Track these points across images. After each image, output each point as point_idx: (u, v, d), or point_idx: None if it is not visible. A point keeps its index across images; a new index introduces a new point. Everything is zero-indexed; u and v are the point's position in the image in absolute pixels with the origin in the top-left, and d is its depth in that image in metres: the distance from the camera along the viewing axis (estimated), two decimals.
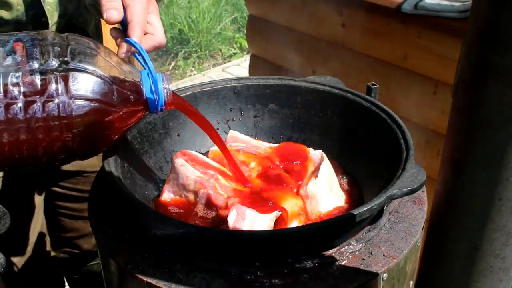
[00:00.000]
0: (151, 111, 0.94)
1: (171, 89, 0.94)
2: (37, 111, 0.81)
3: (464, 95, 0.69)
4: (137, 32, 0.96)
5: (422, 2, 1.76)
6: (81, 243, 1.63)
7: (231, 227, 0.91)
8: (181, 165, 1.05)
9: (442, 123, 1.64)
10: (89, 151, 0.90)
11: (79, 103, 0.83)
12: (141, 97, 0.91)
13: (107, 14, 0.96)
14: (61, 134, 0.83)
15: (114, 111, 0.87)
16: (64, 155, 0.86)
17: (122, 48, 0.96)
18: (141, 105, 0.92)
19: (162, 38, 1.03)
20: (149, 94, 0.91)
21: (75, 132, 0.83)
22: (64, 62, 0.83)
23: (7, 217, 0.97)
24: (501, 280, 0.76)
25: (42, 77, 0.81)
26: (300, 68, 2.32)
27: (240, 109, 1.28)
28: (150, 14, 1.02)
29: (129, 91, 0.89)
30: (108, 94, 0.86)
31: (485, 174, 0.68)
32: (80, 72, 0.83)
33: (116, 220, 0.98)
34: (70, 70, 0.83)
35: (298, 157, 1.14)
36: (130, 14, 0.97)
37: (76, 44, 0.87)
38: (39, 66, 0.82)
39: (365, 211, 0.84)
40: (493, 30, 0.61)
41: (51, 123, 0.81)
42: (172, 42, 4.98)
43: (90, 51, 0.87)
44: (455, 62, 0.71)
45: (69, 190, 1.52)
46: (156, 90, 0.92)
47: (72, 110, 0.82)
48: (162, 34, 1.03)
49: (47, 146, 0.83)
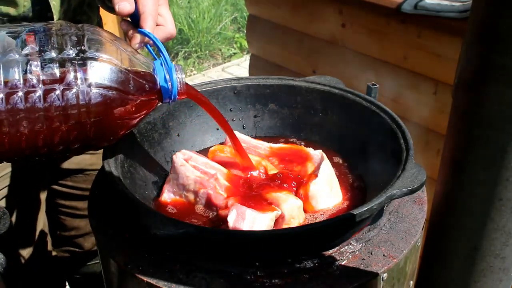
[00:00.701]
0: (164, 100, 0.95)
1: (184, 79, 0.95)
2: (56, 99, 0.81)
3: (464, 95, 0.69)
4: (149, 23, 0.97)
5: (422, 2, 1.75)
6: (82, 242, 1.63)
7: (231, 227, 0.91)
8: (181, 165, 1.05)
9: (442, 123, 1.64)
10: (103, 140, 0.91)
11: (97, 91, 0.83)
12: (155, 86, 0.92)
13: (119, 6, 0.97)
14: (79, 122, 0.84)
15: (131, 99, 0.88)
16: (79, 144, 0.87)
17: (136, 39, 0.97)
18: (155, 94, 0.93)
19: (173, 29, 1.05)
20: (163, 83, 0.92)
21: (92, 120, 0.84)
22: (81, 51, 0.84)
23: (7, 217, 0.97)
24: (501, 280, 0.76)
25: (60, 66, 0.82)
26: (300, 68, 2.32)
27: (240, 109, 1.28)
28: (160, 5, 1.04)
29: (144, 80, 0.90)
30: (125, 82, 0.87)
31: (485, 174, 0.68)
32: (98, 61, 0.84)
33: (116, 220, 0.98)
34: (88, 59, 0.84)
35: (298, 157, 1.14)
36: (142, 5, 0.98)
37: (91, 34, 0.87)
38: (57, 55, 0.83)
39: (365, 211, 0.84)
40: (493, 30, 0.61)
41: (69, 111, 0.82)
42: (172, 42, 4.98)
43: (106, 41, 0.88)
44: (455, 62, 0.71)
45: (70, 188, 1.52)
46: (170, 79, 0.93)
47: (91, 99, 0.83)
48: (172, 25, 1.05)
49: (64, 135, 0.84)
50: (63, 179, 1.51)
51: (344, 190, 1.10)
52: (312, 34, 2.22)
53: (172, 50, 4.95)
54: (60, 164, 1.47)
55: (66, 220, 1.59)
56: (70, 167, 1.48)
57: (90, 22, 1.30)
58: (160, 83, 0.92)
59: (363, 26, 2.00)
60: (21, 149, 0.83)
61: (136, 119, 0.92)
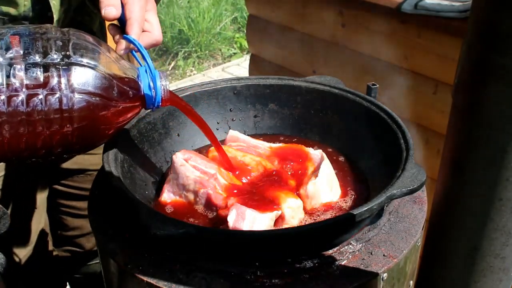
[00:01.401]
0: (147, 107, 0.95)
1: (168, 86, 0.95)
2: (39, 103, 0.81)
3: (464, 95, 0.69)
4: (135, 29, 0.98)
5: (422, 2, 1.76)
6: (83, 242, 1.63)
7: (231, 227, 0.91)
8: (181, 165, 1.05)
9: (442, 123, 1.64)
10: (86, 145, 0.91)
11: (80, 97, 0.84)
12: (139, 93, 0.93)
13: (105, 10, 0.98)
14: (61, 127, 0.84)
15: (114, 105, 0.88)
16: (61, 148, 0.87)
17: (121, 45, 0.97)
18: (138, 101, 0.93)
19: (159, 36, 1.04)
20: (147, 90, 0.93)
21: (75, 125, 0.84)
22: (66, 56, 0.84)
23: (7, 217, 0.97)
24: (501, 280, 0.76)
25: (44, 70, 0.82)
26: (300, 68, 2.32)
27: (240, 109, 1.28)
28: (148, 11, 1.04)
29: (128, 86, 0.90)
30: (108, 89, 0.87)
31: (485, 174, 0.68)
32: (82, 66, 0.84)
33: (116, 220, 0.98)
34: (73, 64, 0.84)
35: (298, 157, 1.14)
36: (129, 11, 0.98)
37: (77, 39, 0.87)
38: (41, 59, 0.83)
39: (365, 211, 0.84)
40: (493, 30, 0.61)
41: (52, 116, 0.82)
42: (172, 42, 4.98)
43: (91, 46, 0.88)
44: (455, 62, 0.71)
45: (71, 188, 1.53)
46: (154, 87, 0.93)
47: (74, 104, 0.83)
48: (159, 31, 1.05)
49: (47, 139, 0.84)
50: (65, 179, 1.51)
51: (343, 190, 1.10)
52: (312, 34, 2.22)
53: (172, 50, 4.95)
54: (61, 164, 1.47)
55: (67, 220, 1.59)
56: (71, 167, 1.48)
57: (92, 23, 1.30)
58: (144, 90, 0.93)
59: (363, 26, 2.00)
60: (3, 151, 0.83)
61: (119, 125, 0.93)
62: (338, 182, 1.09)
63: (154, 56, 4.96)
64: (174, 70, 4.81)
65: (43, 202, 1.46)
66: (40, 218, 1.44)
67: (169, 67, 4.82)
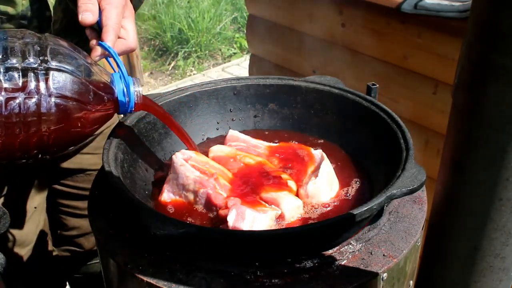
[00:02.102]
0: (120, 112, 0.98)
1: (141, 92, 0.98)
2: (17, 107, 0.83)
3: (464, 95, 0.69)
4: (110, 36, 0.99)
5: (422, 2, 1.75)
6: (82, 242, 1.63)
7: (230, 226, 0.91)
8: (181, 164, 1.05)
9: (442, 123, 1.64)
10: (61, 147, 0.93)
11: (58, 101, 0.86)
12: (113, 98, 0.95)
13: (82, 15, 1.00)
14: (38, 130, 0.86)
15: (89, 110, 0.91)
16: (37, 150, 0.89)
17: (96, 52, 0.99)
18: (112, 106, 0.96)
19: (133, 43, 1.06)
20: (121, 96, 0.96)
21: (52, 128, 0.87)
22: (44, 61, 0.86)
23: (7, 217, 0.97)
24: (501, 280, 0.76)
25: (22, 75, 0.84)
26: (300, 68, 2.32)
27: (240, 109, 1.28)
28: (125, 18, 1.05)
29: (103, 92, 0.93)
30: (85, 93, 0.89)
31: (485, 174, 0.68)
32: (60, 71, 0.87)
33: (116, 220, 0.98)
34: (51, 69, 0.86)
35: (298, 156, 1.14)
36: (105, 18, 1.00)
37: (54, 45, 0.89)
38: (19, 64, 0.84)
39: (365, 211, 0.84)
40: (493, 30, 0.61)
41: (30, 119, 0.84)
42: (172, 42, 4.98)
43: (68, 52, 0.90)
44: (455, 62, 0.71)
45: (70, 188, 1.53)
46: (128, 93, 0.96)
47: (51, 108, 0.85)
48: (133, 39, 1.07)
49: (23, 141, 0.86)
50: (64, 179, 1.51)
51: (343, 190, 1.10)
52: (312, 34, 2.22)
53: (172, 50, 4.95)
54: (60, 164, 1.47)
55: (66, 220, 1.59)
56: (71, 166, 1.48)
57: None
58: (118, 96, 0.96)
59: (363, 26, 2.00)
60: None
61: (92, 129, 0.95)
62: (338, 182, 1.09)
63: (154, 56, 4.97)
64: (174, 70, 4.81)
65: (43, 202, 1.46)
66: (39, 218, 1.44)
67: (169, 67, 4.82)
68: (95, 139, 1.49)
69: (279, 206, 0.99)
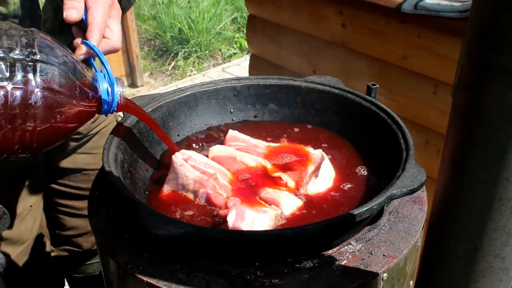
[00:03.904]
0: (102, 111, 0.96)
1: (125, 93, 0.97)
2: (3, 98, 0.81)
3: (464, 95, 0.69)
4: (95, 35, 0.99)
5: (422, 2, 1.75)
6: (80, 242, 1.63)
7: (230, 227, 0.91)
8: (181, 164, 1.05)
9: (442, 123, 1.64)
10: (42, 144, 0.90)
11: (45, 93, 0.84)
12: (97, 96, 0.94)
13: (67, 12, 0.99)
14: (24, 123, 0.84)
15: (75, 105, 0.89)
16: (19, 145, 0.87)
17: (81, 50, 0.98)
18: (95, 104, 0.95)
19: (117, 43, 1.05)
20: (104, 96, 0.95)
21: (37, 122, 0.85)
22: (32, 53, 0.85)
23: (7, 217, 0.97)
24: (501, 280, 0.76)
25: (10, 65, 0.82)
26: (300, 68, 2.32)
27: (240, 109, 1.28)
28: (111, 18, 1.04)
29: (88, 88, 0.92)
30: (71, 88, 0.88)
31: (485, 174, 0.68)
32: (48, 64, 0.85)
33: (116, 220, 0.98)
34: (38, 62, 0.85)
35: (298, 156, 1.14)
36: (91, 16, 1.00)
37: (41, 38, 0.88)
38: (6, 55, 0.83)
39: (365, 211, 0.84)
40: (493, 30, 0.61)
41: (16, 111, 0.82)
42: (172, 42, 4.98)
43: (55, 47, 0.89)
44: (455, 62, 0.71)
45: (69, 187, 1.52)
46: (112, 92, 0.95)
47: (38, 100, 0.84)
48: (118, 39, 1.05)
49: (7, 134, 0.84)
50: (61, 178, 1.51)
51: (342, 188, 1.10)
52: (312, 34, 2.22)
53: (172, 50, 4.95)
54: (57, 163, 1.47)
55: (64, 219, 1.59)
56: (67, 166, 1.48)
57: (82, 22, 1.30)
58: (101, 95, 0.95)
59: (363, 26, 2.00)
60: None
61: (74, 127, 0.93)
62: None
63: (154, 56, 4.97)
64: (174, 70, 4.82)
65: (38, 201, 1.45)
66: (35, 217, 1.44)
67: (169, 67, 4.82)
68: (91, 139, 1.49)
69: (279, 206, 0.99)
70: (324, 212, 1.00)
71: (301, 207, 1.01)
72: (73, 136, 1.44)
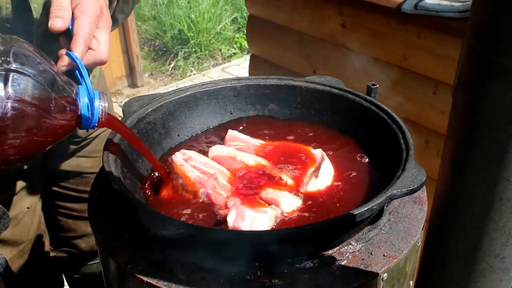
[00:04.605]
0: (82, 127, 0.91)
1: (107, 108, 0.92)
2: None
3: (464, 95, 0.69)
4: (79, 47, 0.94)
5: (422, 2, 1.75)
6: (79, 243, 1.63)
7: (230, 227, 0.91)
8: (181, 164, 1.05)
9: (442, 123, 1.64)
10: (12, 158, 0.85)
11: (16, 105, 0.79)
12: (77, 111, 0.89)
13: (52, 21, 0.96)
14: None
15: (49, 119, 0.84)
16: None
17: (63, 61, 0.94)
18: (74, 119, 0.89)
19: (103, 55, 1.00)
20: (84, 111, 0.90)
21: (7, 134, 0.80)
22: (5, 62, 0.80)
23: (7, 217, 0.96)
24: (501, 280, 0.76)
25: None
26: (300, 68, 2.32)
27: (240, 109, 1.27)
28: (99, 29, 1.00)
29: (66, 102, 0.87)
30: (46, 101, 0.83)
31: (485, 174, 0.68)
32: (22, 74, 0.80)
33: (116, 220, 0.98)
34: (11, 71, 0.80)
35: (298, 156, 1.14)
36: (77, 26, 0.96)
37: (18, 47, 0.84)
38: None
39: (365, 211, 0.84)
40: (493, 30, 0.61)
41: None
42: (172, 42, 4.98)
43: (33, 57, 0.85)
44: (455, 62, 0.71)
45: (68, 190, 1.52)
46: (91, 108, 0.90)
47: (7, 112, 0.79)
48: (105, 51, 1.01)
49: None
50: (62, 181, 1.51)
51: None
52: (312, 34, 2.22)
53: (172, 50, 4.95)
54: (57, 166, 1.47)
55: (63, 221, 1.59)
56: (67, 169, 1.48)
57: None
58: (81, 110, 0.89)
59: (363, 26, 2.00)
60: None
61: (48, 141, 0.87)
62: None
63: (154, 56, 4.97)
64: (174, 70, 4.82)
65: (36, 203, 1.44)
66: (33, 218, 1.43)
67: (169, 67, 4.82)
68: (91, 143, 1.49)
69: (279, 206, 0.99)
70: (324, 212, 1.00)
71: (301, 207, 1.01)
72: (73, 139, 1.44)
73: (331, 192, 1.06)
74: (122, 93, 4.43)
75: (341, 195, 1.05)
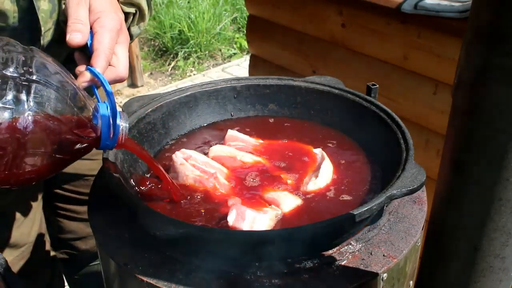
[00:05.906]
0: (101, 147, 0.87)
1: (127, 128, 0.88)
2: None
3: (464, 95, 0.69)
4: (101, 62, 0.91)
5: (422, 2, 1.75)
6: (79, 245, 1.63)
7: (230, 226, 0.91)
8: (181, 164, 1.05)
9: (442, 123, 1.64)
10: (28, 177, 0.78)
11: (38, 118, 0.74)
12: (96, 128, 0.84)
13: (70, 35, 0.92)
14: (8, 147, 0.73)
15: (69, 135, 0.79)
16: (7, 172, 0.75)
17: (84, 77, 0.90)
18: (93, 137, 0.84)
19: (123, 72, 0.97)
20: (104, 129, 0.85)
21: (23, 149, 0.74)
22: (28, 73, 0.76)
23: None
24: (501, 280, 0.76)
25: (1, 83, 0.73)
26: (300, 68, 2.32)
27: (240, 110, 1.27)
28: (118, 44, 0.97)
29: (87, 119, 0.82)
30: (68, 116, 0.78)
31: (485, 174, 0.68)
32: (45, 86, 0.76)
33: (116, 220, 0.98)
34: (34, 82, 0.75)
35: (298, 156, 1.14)
36: (97, 41, 0.92)
37: (40, 58, 0.80)
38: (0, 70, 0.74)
39: (365, 211, 0.84)
40: (493, 30, 0.61)
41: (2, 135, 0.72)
42: (172, 42, 4.98)
43: (54, 69, 0.81)
44: (455, 62, 0.71)
45: (69, 192, 1.52)
46: (113, 126, 0.85)
47: (28, 124, 0.73)
48: (124, 67, 0.97)
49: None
50: (62, 183, 1.51)
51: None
52: (312, 34, 2.22)
53: (172, 50, 4.95)
54: None
55: (63, 223, 1.59)
56: (69, 171, 1.47)
57: None
58: (102, 128, 0.84)
59: (363, 26, 2.00)
60: None
61: (66, 160, 0.82)
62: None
63: (154, 56, 4.97)
64: (174, 71, 4.81)
65: (37, 205, 1.45)
66: (34, 220, 1.43)
67: (169, 68, 4.82)
68: None
69: (279, 206, 0.99)
70: (324, 212, 1.00)
71: (301, 206, 1.01)
72: None
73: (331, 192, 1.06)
74: (122, 93, 4.43)
75: (341, 195, 1.05)
